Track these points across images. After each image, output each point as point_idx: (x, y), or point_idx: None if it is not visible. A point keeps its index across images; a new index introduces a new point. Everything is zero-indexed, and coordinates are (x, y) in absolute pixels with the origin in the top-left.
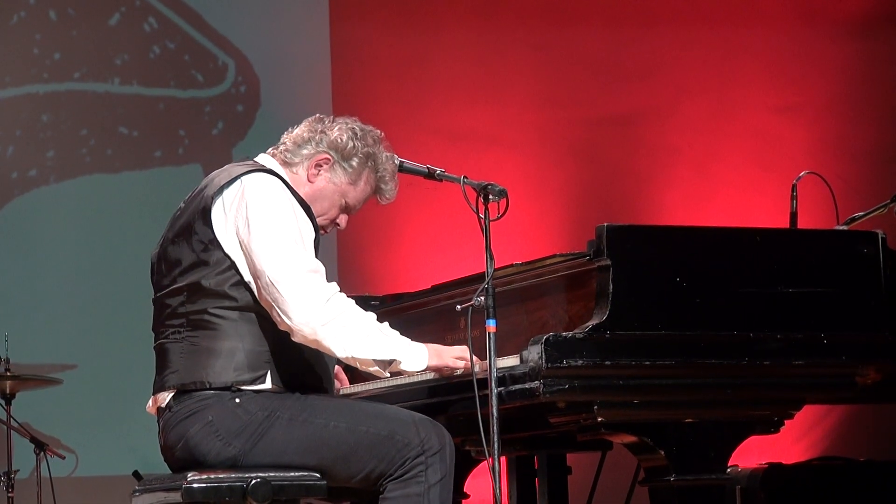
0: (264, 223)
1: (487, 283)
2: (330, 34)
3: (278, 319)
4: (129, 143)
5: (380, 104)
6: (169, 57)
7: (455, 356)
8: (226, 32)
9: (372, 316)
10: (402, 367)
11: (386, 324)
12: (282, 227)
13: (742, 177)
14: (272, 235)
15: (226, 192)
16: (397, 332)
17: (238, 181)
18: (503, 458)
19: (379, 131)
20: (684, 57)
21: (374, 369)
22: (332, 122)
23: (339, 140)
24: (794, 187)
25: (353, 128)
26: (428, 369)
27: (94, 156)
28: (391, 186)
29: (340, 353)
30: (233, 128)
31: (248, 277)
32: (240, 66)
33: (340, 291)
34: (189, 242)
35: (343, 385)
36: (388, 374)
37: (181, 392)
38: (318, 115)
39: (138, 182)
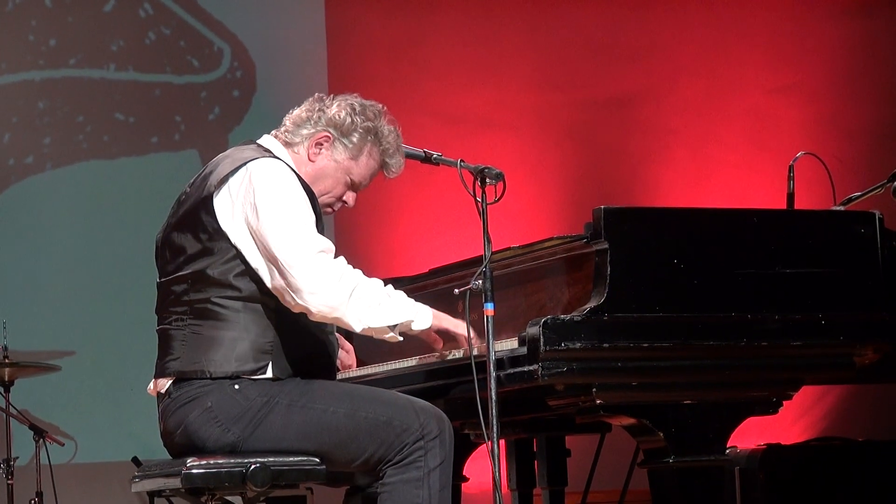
0: (273, 208)
1: (485, 267)
2: (325, 17)
3: (293, 303)
4: (126, 130)
5: (375, 87)
6: (164, 43)
7: (457, 323)
8: (221, 17)
9: (378, 282)
10: (413, 325)
11: (390, 286)
12: (290, 210)
13: (739, 157)
14: (281, 220)
15: (231, 180)
16: (402, 293)
17: (244, 168)
18: (502, 441)
19: (381, 105)
20: (680, 37)
21: (387, 335)
22: (332, 100)
23: (337, 117)
24: (791, 168)
25: (353, 104)
26: (433, 328)
27: (90, 142)
28: (397, 160)
29: (358, 326)
30: (229, 113)
31: (255, 264)
32: (235, 50)
33: (347, 264)
34: (193, 231)
35: (351, 360)
36: (400, 338)
37: (181, 379)
38: (317, 94)
39: (135, 168)
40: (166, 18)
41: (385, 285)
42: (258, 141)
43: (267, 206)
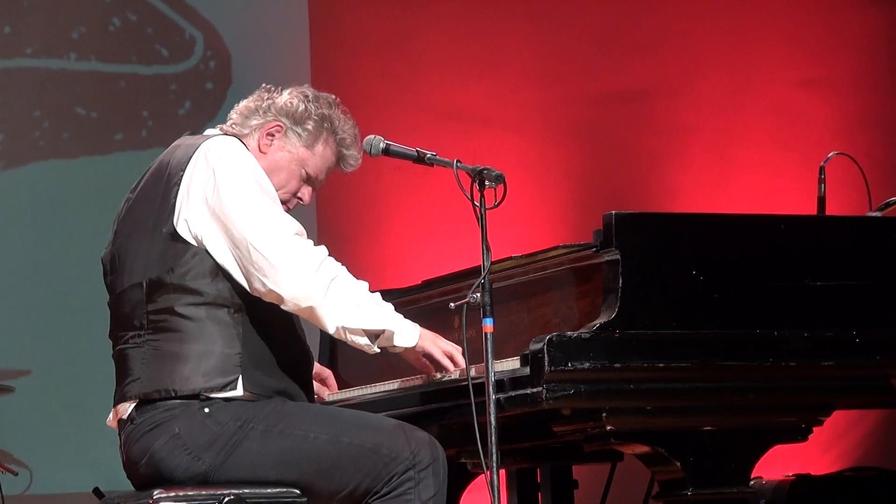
0: (237, 186)
1: (484, 278)
2: (308, 4)
3: (262, 289)
4: (87, 126)
5: (364, 81)
6: (130, 30)
7: (445, 350)
8: (193, 2)
9: (364, 284)
10: (395, 339)
11: (378, 294)
12: (256, 188)
13: (763, 158)
14: (248, 198)
15: (187, 168)
16: (391, 305)
17: (197, 151)
18: (502, 472)
19: (334, 96)
20: (699, 27)
21: (363, 342)
22: (281, 90)
23: (289, 104)
24: (821, 169)
25: (304, 91)
26: (417, 348)
27: (48, 140)
28: (354, 152)
29: (331, 323)
30: (201, 107)
31: (219, 254)
32: (209, 39)
33: (330, 255)
34: (146, 235)
35: (330, 389)
36: (378, 349)
37: (144, 402)
38: (265, 84)
39: (97, 168)
40: (133, 3)
41: (373, 293)
42: (203, 133)
43: (230, 184)
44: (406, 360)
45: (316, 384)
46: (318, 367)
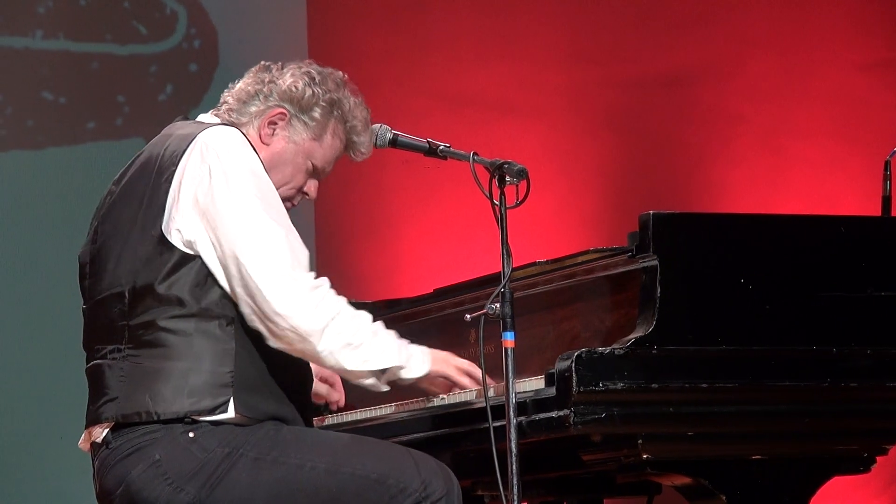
0: (235, 192)
1: (504, 287)
2: None
3: (253, 318)
4: (56, 113)
5: (367, 62)
6: (104, 4)
7: (461, 368)
8: None
9: (366, 317)
10: (402, 373)
11: (380, 323)
12: (258, 199)
13: (821, 151)
14: (247, 210)
15: (181, 162)
16: (394, 333)
17: (193, 142)
18: None
19: (341, 73)
20: (750, 2)
21: (369, 382)
22: (282, 68)
23: (293, 89)
24: (887, 164)
25: (309, 72)
26: (430, 375)
27: (11, 128)
28: (365, 139)
29: (330, 363)
30: (184, 92)
31: (213, 266)
32: (192, 14)
33: (331, 287)
34: (132, 236)
35: (337, 391)
36: (386, 388)
37: (121, 425)
38: (263, 62)
39: (66, 160)
40: None
41: (374, 322)
42: (196, 119)
43: (227, 188)
44: (419, 387)
45: (324, 387)
46: (323, 372)
